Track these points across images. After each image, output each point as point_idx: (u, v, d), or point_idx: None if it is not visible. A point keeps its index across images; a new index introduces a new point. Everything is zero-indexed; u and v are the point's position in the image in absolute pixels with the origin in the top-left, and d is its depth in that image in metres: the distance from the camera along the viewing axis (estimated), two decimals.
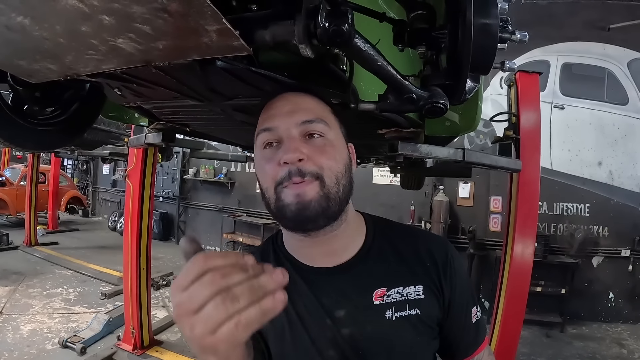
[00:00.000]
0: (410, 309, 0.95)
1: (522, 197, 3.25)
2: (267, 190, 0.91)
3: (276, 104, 0.95)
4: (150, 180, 4.42)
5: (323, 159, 0.89)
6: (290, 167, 0.86)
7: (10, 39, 0.90)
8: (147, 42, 0.77)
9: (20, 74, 1.13)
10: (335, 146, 0.93)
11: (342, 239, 0.99)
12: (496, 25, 0.97)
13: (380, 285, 0.96)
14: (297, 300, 0.96)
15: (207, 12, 0.62)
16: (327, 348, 0.94)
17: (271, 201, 0.90)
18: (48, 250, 9.14)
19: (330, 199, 0.88)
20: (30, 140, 1.81)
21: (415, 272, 0.99)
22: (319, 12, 0.74)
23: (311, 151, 0.88)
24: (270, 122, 0.93)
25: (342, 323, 0.94)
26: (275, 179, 0.88)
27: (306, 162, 0.87)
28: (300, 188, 0.86)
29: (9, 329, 4.97)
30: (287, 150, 0.87)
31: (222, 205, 10.51)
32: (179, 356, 4.54)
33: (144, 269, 4.48)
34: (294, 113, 0.92)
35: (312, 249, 0.99)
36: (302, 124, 0.91)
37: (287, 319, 0.96)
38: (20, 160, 15.52)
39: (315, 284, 0.98)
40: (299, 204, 0.86)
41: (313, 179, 0.87)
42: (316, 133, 0.91)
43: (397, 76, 0.97)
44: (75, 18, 0.75)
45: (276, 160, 0.88)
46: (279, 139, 0.91)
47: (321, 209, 0.87)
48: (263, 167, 0.92)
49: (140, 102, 1.60)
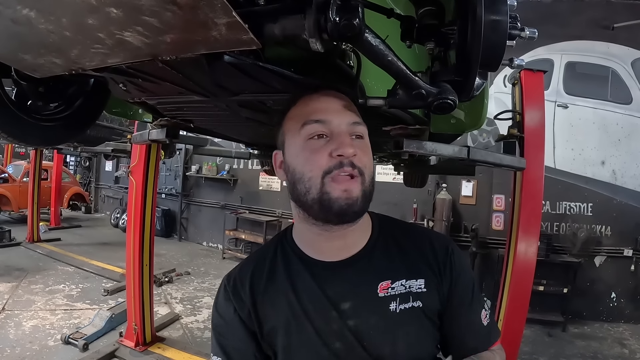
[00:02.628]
0: (413, 301, 0.98)
1: (526, 195, 3.24)
2: (311, 179, 0.93)
3: (322, 99, 0.98)
4: (153, 176, 4.42)
5: (366, 159, 0.95)
6: (344, 160, 0.91)
7: (15, 32, 0.90)
8: (154, 35, 0.76)
9: (24, 68, 1.13)
10: (370, 149, 1.01)
11: (355, 234, 1.02)
12: (506, 21, 0.97)
13: (384, 278, 0.99)
14: (302, 294, 1.00)
15: (217, 4, 0.61)
16: (332, 340, 0.97)
17: (312, 191, 0.92)
18: (50, 246, 9.15)
19: (366, 196, 0.93)
20: (33, 135, 1.81)
21: (417, 266, 1.02)
22: (330, 6, 0.74)
23: (360, 151, 0.94)
24: (322, 115, 0.95)
25: (347, 315, 0.97)
26: (323, 168, 0.91)
27: (356, 158, 0.92)
28: (349, 185, 0.91)
29: (11, 325, 4.97)
30: (343, 144, 0.91)
31: (225, 202, 10.53)
32: (181, 352, 4.53)
33: (147, 265, 4.48)
34: (345, 112, 0.97)
35: (327, 243, 1.02)
36: (352, 124, 0.96)
37: (292, 313, 0.99)
38: (22, 156, 15.53)
39: (322, 277, 1.00)
40: (349, 199, 0.90)
41: (359, 175, 0.92)
42: (360, 135, 0.97)
43: (407, 71, 0.97)
44: (82, 11, 0.74)
45: (326, 151, 0.92)
46: (330, 133, 0.94)
47: (362, 206, 0.93)
48: (309, 157, 0.94)
49: (145, 98, 1.60)
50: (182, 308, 6.11)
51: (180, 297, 6.58)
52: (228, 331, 1.06)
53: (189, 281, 7.50)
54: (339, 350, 0.96)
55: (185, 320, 5.65)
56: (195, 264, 8.75)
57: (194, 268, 8.33)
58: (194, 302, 6.42)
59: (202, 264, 8.87)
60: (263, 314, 1.02)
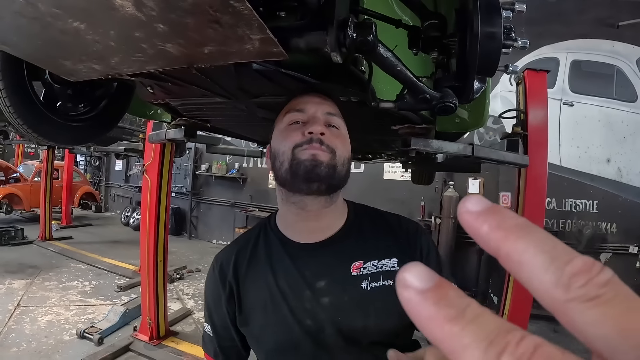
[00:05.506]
0: (384, 280, 1.07)
1: (529, 192, 3.31)
2: (284, 153, 1.05)
3: (306, 95, 1.12)
4: (167, 174, 4.53)
5: (337, 142, 1.06)
6: (313, 136, 1.02)
7: (61, 41, 0.97)
8: (194, 47, 0.86)
9: (61, 72, 1.20)
10: (346, 139, 1.11)
11: (330, 217, 1.13)
12: (500, 33, 1.08)
13: (357, 258, 1.09)
14: (280, 275, 1.10)
15: (254, 23, 0.71)
16: (304, 318, 1.05)
17: (285, 162, 1.04)
18: (62, 244, 9.26)
19: (336, 170, 1.04)
20: (63, 135, 1.90)
21: (390, 247, 1.12)
22: (348, 24, 0.85)
23: (330, 134, 1.06)
24: (301, 105, 1.09)
25: (321, 292, 1.06)
26: (295, 142, 1.04)
27: (326, 137, 1.04)
28: (316, 151, 1.02)
29: (26, 320, 5.06)
30: (314, 124, 1.04)
31: (234, 201, 10.61)
32: (194, 346, 4.61)
33: (161, 261, 4.58)
34: (321, 104, 1.09)
35: (305, 224, 1.12)
36: (327, 114, 1.08)
37: (270, 292, 1.09)
38: (32, 156, 15.68)
39: (300, 258, 1.11)
40: (314, 161, 1.01)
41: (328, 152, 1.03)
42: (334, 125, 1.09)
43: (413, 79, 1.09)
44: (130, 25, 0.82)
45: (300, 131, 1.05)
46: (306, 119, 1.07)
47: (328, 173, 1.02)
48: (285, 136, 1.07)
49: (169, 99, 1.70)
50: (193, 303, 6.19)
51: (191, 293, 6.66)
52: (214, 307, 1.19)
53: (200, 278, 7.57)
54: (310, 327, 1.04)
55: (197, 315, 5.72)
56: (205, 261, 8.78)
57: (204, 265, 8.37)
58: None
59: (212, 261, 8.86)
60: (244, 293, 1.13)
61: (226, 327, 1.17)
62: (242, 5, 0.65)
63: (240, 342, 1.18)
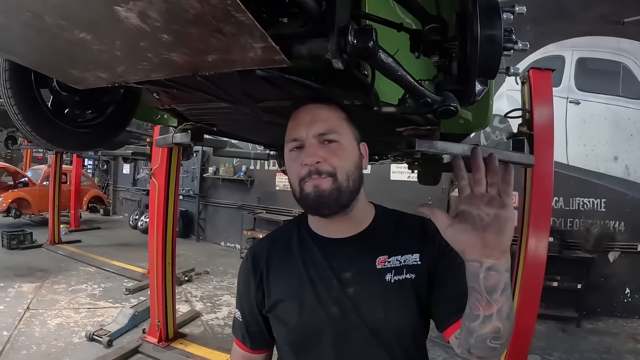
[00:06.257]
0: (406, 274, 1.13)
1: (535, 191, 3.29)
2: (294, 183, 1.14)
3: (299, 115, 1.16)
4: (175, 177, 4.57)
5: (335, 160, 1.10)
6: (310, 168, 1.08)
7: (68, 50, 0.98)
8: (198, 55, 0.87)
9: (69, 81, 1.21)
10: (347, 149, 1.13)
11: (354, 219, 1.20)
12: (500, 36, 1.09)
13: (382, 253, 1.15)
14: (310, 265, 1.18)
15: (256, 33, 0.73)
16: (330, 305, 1.13)
17: (296, 192, 1.13)
18: (71, 248, 9.34)
19: (341, 191, 1.09)
20: (71, 141, 1.93)
21: (412, 244, 1.18)
22: (349, 31, 0.86)
23: (326, 154, 1.09)
24: (295, 133, 1.14)
25: (348, 283, 1.14)
26: (299, 176, 1.10)
27: (322, 163, 1.08)
28: (318, 182, 1.08)
29: (36, 323, 5.11)
30: (307, 154, 1.09)
31: (242, 203, 10.65)
32: (202, 348, 4.63)
33: (169, 264, 4.61)
34: (313, 124, 1.12)
35: (330, 226, 1.20)
36: (319, 135, 1.11)
37: (299, 280, 1.17)
38: (40, 161, 15.80)
39: (329, 251, 1.18)
40: (317, 193, 1.08)
41: (328, 176, 1.08)
42: (331, 140, 1.12)
43: (414, 83, 1.10)
44: (135, 36, 0.83)
45: (300, 161, 1.11)
46: (302, 144, 1.12)
47: (333, 198, 1.08)
48: (290, 166, 1.15)
49: (175, 105, 1.72)
50: (202, 306, 6.23)
51: (200, 295, 6.70)
52: (244, 293, 1.29)
53: (208, 280, 7.62)
54: (335, 314, 1.12)
55: (206, 317, 5.77)
56: (213, 263, 8.86)
57: (212, 267, 8.44)
58: (213, 300, 6.52)
59: (220, 263, 8.97)
60: (275, 282, 1.22)
61: (254, 314, 1.27)
62: (244, 15, 0.67)
63: (266, 329, 1.27)
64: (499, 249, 0.84)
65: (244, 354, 1.33)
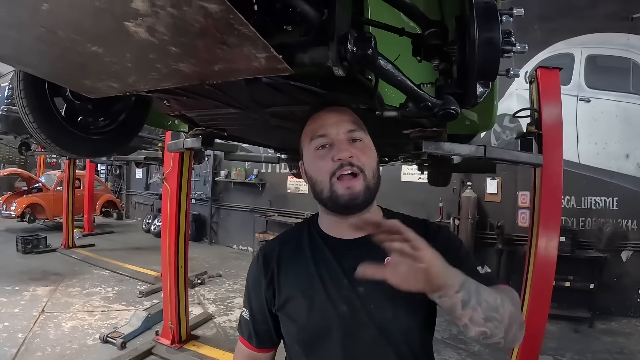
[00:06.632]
0: None
1: (545, 191, 3.27)
2: (322, 182, 1.15)
3: (324, 116, 1.19)
4: (187, 181, 4.64)
5: (364, 158, 1.14)
6: (343, 162, 1.11)
7: (81, 62, 1.03)
8: (205, 65, 0.91)
9: (82, 90, 1.27)
10: (371, 148, 1.19)
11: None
12: (498, 39, 1.11)
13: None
14: (321, 265, 1.20)
15: (259, 44, 0.76)
16: (340, 304, 1.15)
17: (324, 191, 1.15)
18: (85, 252, 9.42)
19: (370, 189, 1.14)
20: (84, 147, 1.99)
21: None
22: (348, 39, 0.89)
23: (356, 152, 1.13)
24: (323, 130, 1.16)
25: (358, 283, 1.14)
26: (329, 172, 1.12)
27: (353, 159, 1.12)
28: (351, 182, 1.11)
29: (51, 326, 5.18)
30: (340, 150, 1.12)
31: (254, 206, 10.69)
32: (215, 350, 4.67)
33: (182, 266, 4.67)
34: (340, 123, 1.16)
35: (340, 227, 1.22)
36: (348, 132, 1.15)
37: (310, 279, 1.19)
38: (54, 167, 15.97)
39: (338, 251, 1.21)
40: (352, 194, 1.11)
41: (359, 172, 1.12)
42: (357, 139, 1.16)
43: (414, 88, 1.13)
44: (145, 48, 0.88)
45: (329, 157, 1.13)
46: (331, 142, 1.15)
47: (364, 198, 1.13)
48: (317, 164, 1.17)
49: (185, 111, 1.76)
50: (215, 308, 6.27)
51: (212, 298, 6.74)
52: (253, 292, 1.31)
53: (221, 283, 7.67)
54: (344, 312, 1.14)
55: (219, 319, 5.80)
56: (226, 266, 8.89)
57: (225, 270, 8.47)
58: (226, 302, 6.56)
59: (232, 266, 9.00)
60: (285, 280, 1.24)
61: (263, 312, 1.29)
62: (246, 28, 0.70)
63: (273, 328, 1.29)
64: (433, 289, 0.92)
65: (249, 353, 1.35)
